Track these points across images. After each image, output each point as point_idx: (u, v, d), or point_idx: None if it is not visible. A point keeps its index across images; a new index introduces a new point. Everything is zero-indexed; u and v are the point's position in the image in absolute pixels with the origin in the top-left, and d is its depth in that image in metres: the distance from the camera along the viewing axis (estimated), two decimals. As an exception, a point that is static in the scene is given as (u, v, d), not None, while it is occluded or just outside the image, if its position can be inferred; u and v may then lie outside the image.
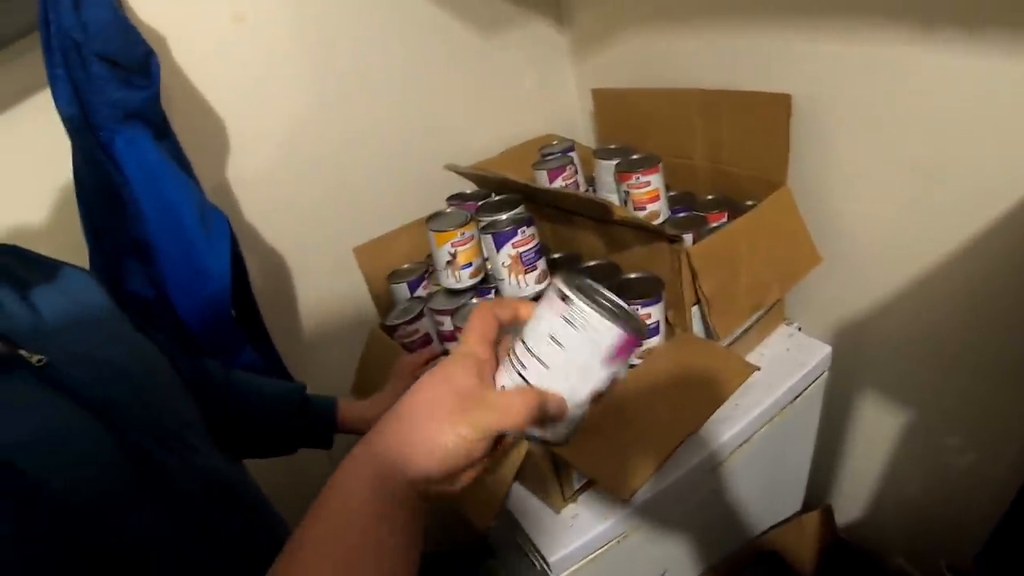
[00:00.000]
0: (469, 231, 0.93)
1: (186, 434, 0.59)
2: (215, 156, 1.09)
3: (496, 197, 1.02)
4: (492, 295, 0.99)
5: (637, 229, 0.93)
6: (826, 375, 1.09)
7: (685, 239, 0.90)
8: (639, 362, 0.91)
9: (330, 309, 1.30)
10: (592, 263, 1.00)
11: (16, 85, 0.92)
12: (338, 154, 1.20)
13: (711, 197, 1.09)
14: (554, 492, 0.89)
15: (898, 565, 1.27)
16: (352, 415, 0.93)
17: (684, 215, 1.04)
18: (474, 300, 0.96)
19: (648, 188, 0.99)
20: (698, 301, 0.92)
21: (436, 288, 1.04)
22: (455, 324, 0.91)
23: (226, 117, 1.08)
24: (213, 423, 0.67)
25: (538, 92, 1.39)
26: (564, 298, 0.43)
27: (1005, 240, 0.81)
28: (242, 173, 1.12)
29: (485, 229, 0.91)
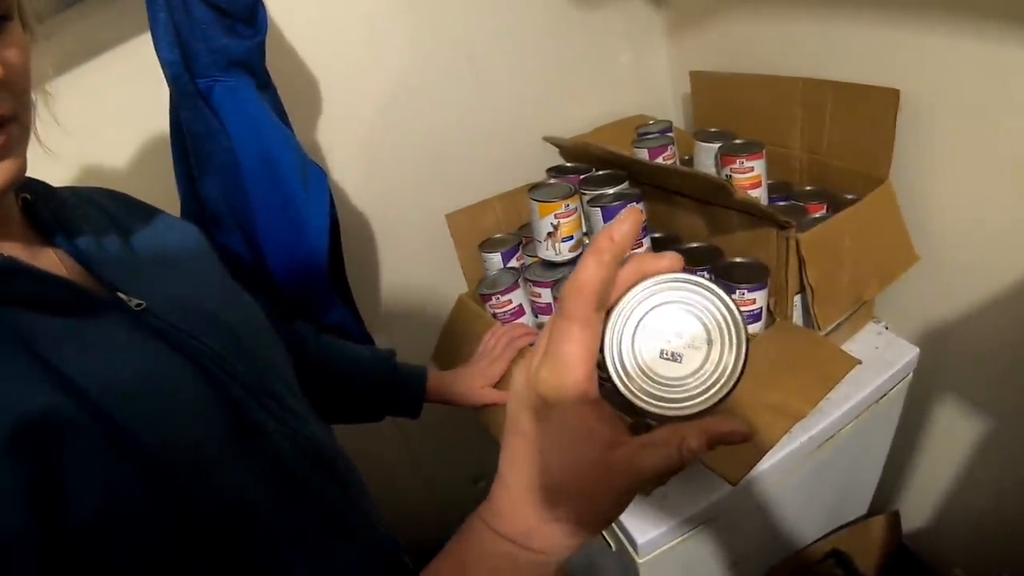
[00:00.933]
0: (573, 203, 0.92)
1: (285, 396, 0.56)
2: (313, 116, 1.09)
3: (599, 172, 1.01)
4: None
5: (744, 213, 0.91)
6: (911, 377, 1.07)
7: (793, 227, 0.89)
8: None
9: (413, 273, 1.29)
10: (693, 245, 0.98)
11: (116, 27, 0.90)
12: (434, 121, 1.19)
13: (810, 188, 1.07)
14: (647, 473, 0.88)
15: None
16: (444, 386, 0.93)
17: (783, 204, 1.02)
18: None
19: (751, 174, 0.98)
20: (802, 290, 0.90)
21: (532, 259, 1.03)
22: (554, 295, 0.90)
23: (326, 77, 1.07)
24: (304, 387, 0.65)
25: (631, 71, 1.37)
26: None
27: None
28: (338, 134, 1.12)
29: (592, 202, 0.90)
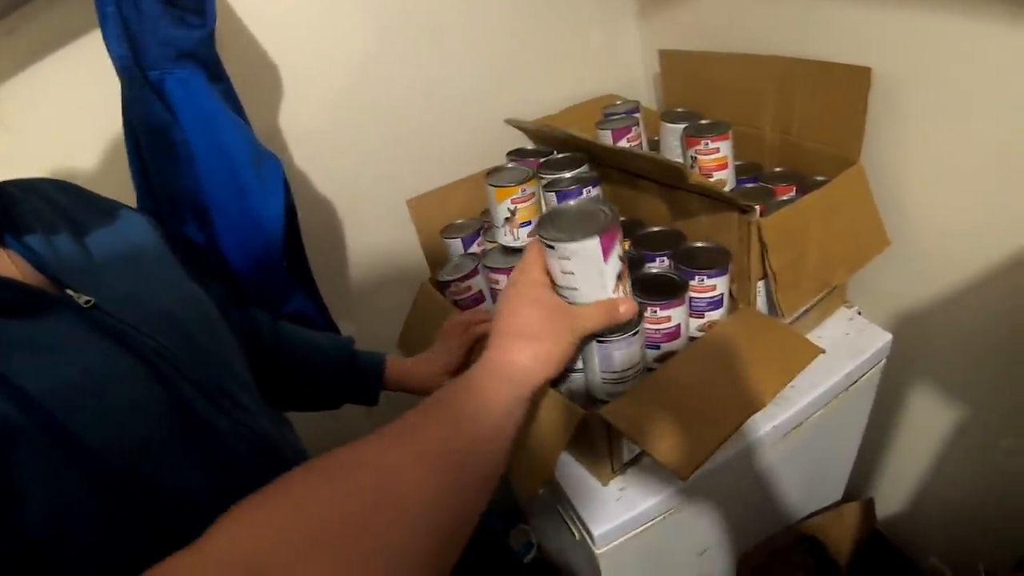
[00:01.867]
0: (530, 188, 0.90)
1: (236, 392, 0.56)
2: (271, 101, 1.06)
3: (559, 155, 0.98)
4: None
5: (705, 197, 0.89)
6: (883, 363, 1.05)
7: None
8: (700, 335, 0.88)
9: (379, 261, 1.27)
10: (655, 229, 0.96)
11: (66, 24, 0.89)
12: (396, 103, 1.16)
13: (779, 170, 1.04)
14: (603, 464, 0.86)
15: (932, 564, 1.25)
16: (402, 373, 0.92)
17: (751, 186, 1.00)
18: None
19: (717, 155, 0.95)
20: (765, 276, 0.88)
21: (491, 245, 1.01)
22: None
23: (284, 62, 1.05)
24: (259, 375, 0.65)
25: (602, 51, 1.34)
26: (548, 247, 0.60)
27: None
28: (298, 119, 1.09)
29: (548, 187, 0.88)
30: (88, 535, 0.39)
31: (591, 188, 0.87)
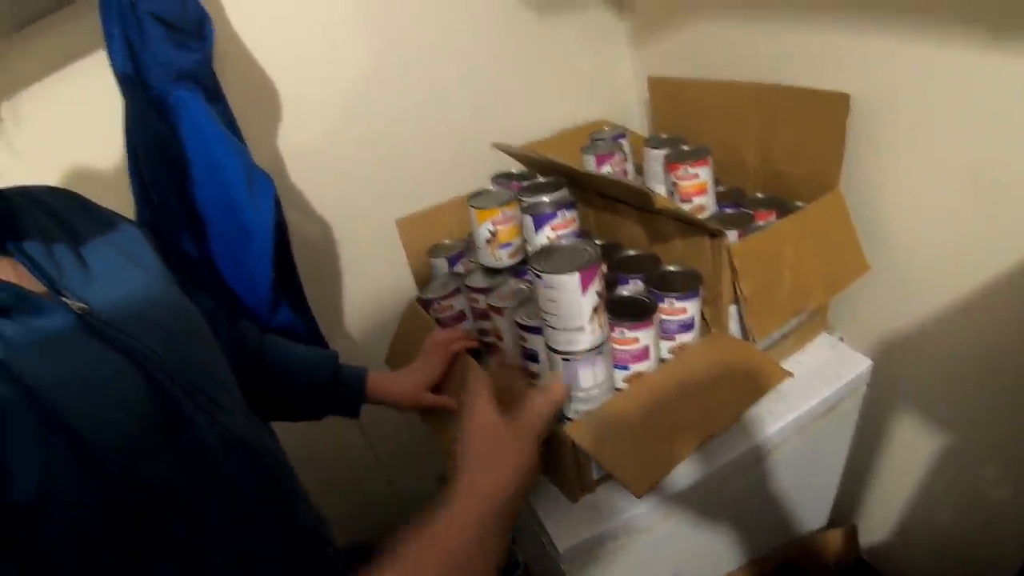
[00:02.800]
0: (511, 210, 0.92)
1: (217, 394, 0.60)
2: (268, 123, 1.11)
3: (541, 179, 1.01)
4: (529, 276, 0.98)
5: (680, 222, 0.90)
6: (864, 390, 1.05)
7: (728, 235, 0.88)
8: (671, 357, 0.89)
9: (370, 279, 1.30)
10: (632, 253, 0.98)
11: (75, 43, 0.95)
12: (390, 126, 1.20)
13: (760, 195, 1.06)
14: (572, 481, 0.88)
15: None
16: (381, 387, 0.94)
17: (732, 211, 1.01)
18: (511, 280, 0.95)
19: (696, 180, 0.97)
20: (737, 300, 0.89)
21: (474, 265, 1.04)
22: (489, 303, 0.91)
23: (281, 85, 1.09)
24: (244, 385, 0.68)
25: (595, 77, 1.37)
26: (536, 276, 0.69)
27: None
28: (293, 141, 1.14)
29: (526, 210, 0.90)
30: (70, 513, 0.42)
31: (566, 211, 0.89)
